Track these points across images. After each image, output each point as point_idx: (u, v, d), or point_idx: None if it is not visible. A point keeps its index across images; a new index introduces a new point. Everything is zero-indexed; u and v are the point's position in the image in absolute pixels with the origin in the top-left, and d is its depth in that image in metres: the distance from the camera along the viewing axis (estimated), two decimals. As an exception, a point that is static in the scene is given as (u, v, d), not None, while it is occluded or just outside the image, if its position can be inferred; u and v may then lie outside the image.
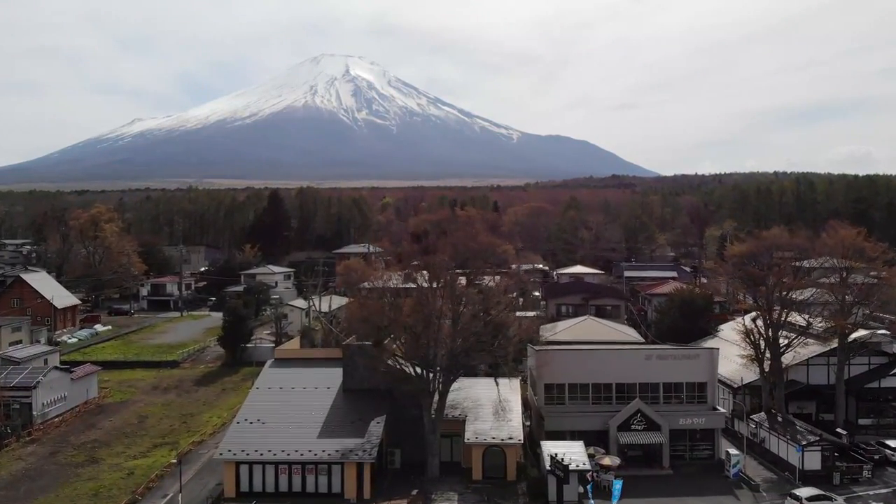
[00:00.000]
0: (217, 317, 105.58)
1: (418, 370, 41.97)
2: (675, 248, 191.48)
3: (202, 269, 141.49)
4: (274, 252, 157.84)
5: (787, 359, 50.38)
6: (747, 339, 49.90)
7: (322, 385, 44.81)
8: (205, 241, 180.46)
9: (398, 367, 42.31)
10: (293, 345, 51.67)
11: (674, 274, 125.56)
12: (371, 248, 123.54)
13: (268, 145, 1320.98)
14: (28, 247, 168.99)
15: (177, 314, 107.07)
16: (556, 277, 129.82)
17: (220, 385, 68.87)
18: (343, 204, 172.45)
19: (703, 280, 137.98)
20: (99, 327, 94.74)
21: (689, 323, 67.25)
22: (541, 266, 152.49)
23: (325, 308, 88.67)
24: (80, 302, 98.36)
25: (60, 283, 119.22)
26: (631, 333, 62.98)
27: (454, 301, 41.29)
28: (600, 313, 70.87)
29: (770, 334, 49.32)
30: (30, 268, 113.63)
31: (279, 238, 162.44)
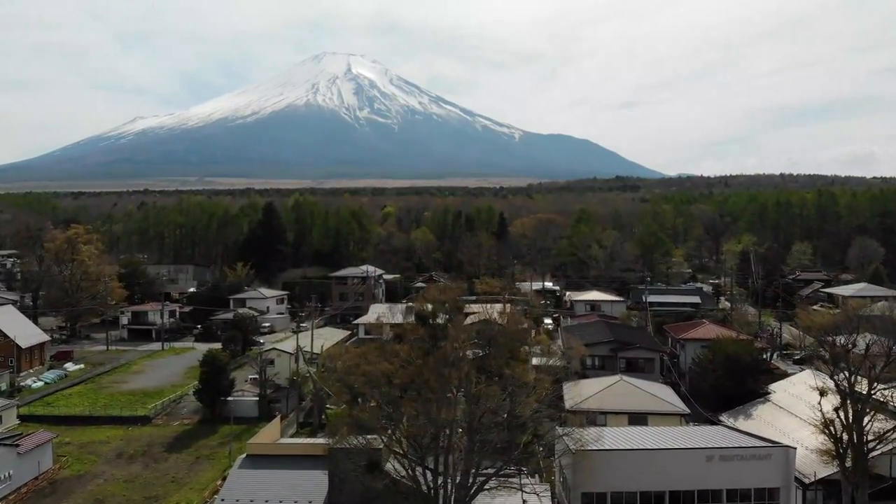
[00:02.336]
0: (203, 349, 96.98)
1: (422, 479, 33.10)
2: (689, 260, 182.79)
3: (190, 289, 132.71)
4: (268, 268, 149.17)
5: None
6: (826, 432, 40.84)
7: (303, 497, 35.88)
8: (196, 254, 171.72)
9: (395, 479, 33.42)
10: (271, 431, 42.74)
11: (697, 299, 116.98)
12: (370, 271, 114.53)
13: (270, 144, 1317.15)
14: (13, 259, 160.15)
15: (158, 346, 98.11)
16: (569, 303, 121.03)
17: (195, 450, 59.96)
18: (341, 217, 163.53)
19: (726, 301, 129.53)
20: (70, 366, 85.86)
21: (734, 382, 58.30)
22: (551, 285, 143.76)
23: (318, 347, 80.00)
24: (49, 339, 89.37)
25: (36, 309, 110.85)
26: (671, 399, 53.97)
27: (470, 401, 32.39)
28: (632, 367, 61.96)
29: (855, 425, 40.26)
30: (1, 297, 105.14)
31: (273, 253, 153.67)
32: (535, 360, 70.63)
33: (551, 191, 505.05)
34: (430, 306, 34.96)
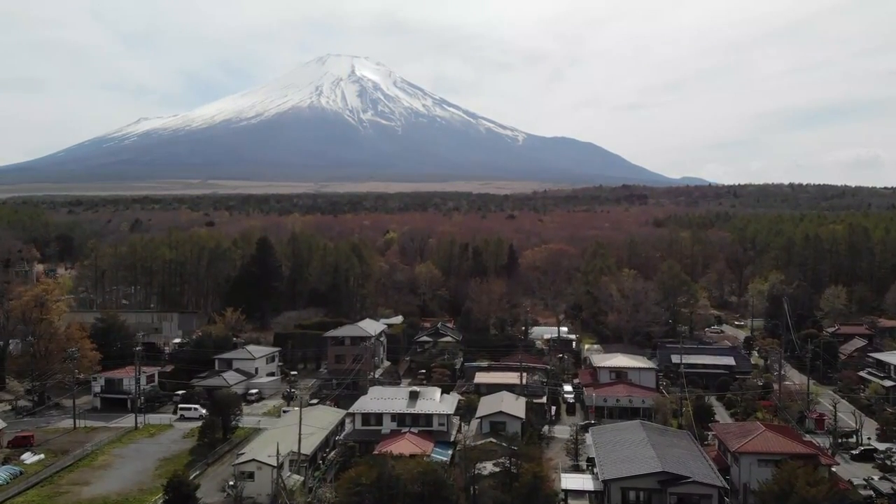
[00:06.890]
0: (181, 428, 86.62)
1: None
2: (709, 295, 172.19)
3: (175, 340, 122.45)
4: (261, 308, 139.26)
5: None
6: None
7: None
8: (186, 291, 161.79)
9: None
10: None
11: (731, 360, 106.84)
12: (369, 331, 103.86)
13: (273, 146, 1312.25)
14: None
15: (132, 420, 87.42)
16: (588, 361, 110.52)
17: None
18: (340, 251, 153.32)
19: (760, 357, 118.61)
20: (28, 457, 75.49)
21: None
22: (565, 332, 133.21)
23: (307, 445, 69.58)
24: (5, 425, 79.18)
25: (3, 371, 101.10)
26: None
27: None
28: (683, 505, 51.45)
29: None
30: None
31: (267, 291, 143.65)
32: (567, 482, 60.10)
33: (557, 202, 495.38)
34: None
